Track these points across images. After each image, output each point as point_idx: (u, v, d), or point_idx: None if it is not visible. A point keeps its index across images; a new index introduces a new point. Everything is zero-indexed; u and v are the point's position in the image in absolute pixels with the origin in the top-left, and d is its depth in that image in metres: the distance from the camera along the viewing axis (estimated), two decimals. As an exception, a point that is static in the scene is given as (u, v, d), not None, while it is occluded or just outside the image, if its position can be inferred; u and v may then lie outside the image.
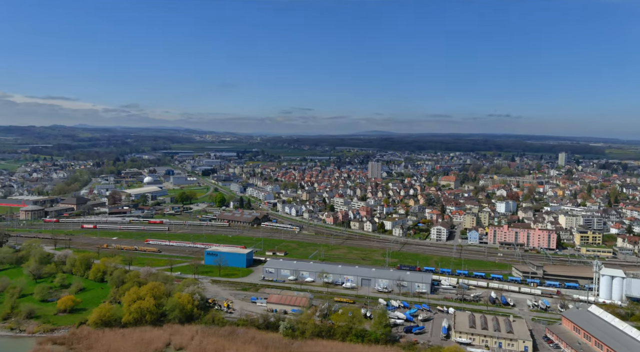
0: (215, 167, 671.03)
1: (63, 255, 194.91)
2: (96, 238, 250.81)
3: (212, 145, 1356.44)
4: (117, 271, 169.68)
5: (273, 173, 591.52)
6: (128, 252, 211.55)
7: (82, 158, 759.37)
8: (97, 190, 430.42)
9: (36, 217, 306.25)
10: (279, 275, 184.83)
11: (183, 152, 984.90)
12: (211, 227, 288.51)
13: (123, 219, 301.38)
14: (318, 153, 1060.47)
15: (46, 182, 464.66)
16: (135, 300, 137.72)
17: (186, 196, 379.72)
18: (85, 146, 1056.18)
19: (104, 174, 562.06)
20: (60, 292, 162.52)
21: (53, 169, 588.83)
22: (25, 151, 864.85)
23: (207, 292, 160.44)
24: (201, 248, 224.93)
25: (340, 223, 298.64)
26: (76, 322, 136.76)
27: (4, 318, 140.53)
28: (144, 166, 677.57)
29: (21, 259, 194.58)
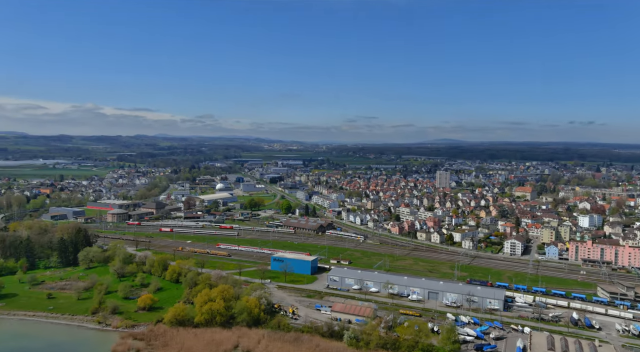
0: (282, 175, 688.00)
1: (143, 256, 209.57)
2: (172, 241, 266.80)
3: (279, 153, 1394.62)
4: (191, 273, 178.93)
5: (338, 181, 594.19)
6: (201, 256, 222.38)
7: (161, 165, 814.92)
8: (174, 195, 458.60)
9: (121, 220, 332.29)
10: (343, 284, 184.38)
11: (252, 161, 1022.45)
12: (278, 233, 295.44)
13: (197, 224, 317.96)
14: (383, 161, 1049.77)
15: (130, 188, 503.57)
16: (207, 301, 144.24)
17: (254, 203, 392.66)
18: (164, 154, 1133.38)
19: (181, 181, 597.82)
20: (141, 290, 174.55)
21: (136, 176, 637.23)
22: (113, 159, 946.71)
23: (273, 297, 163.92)
24: (268, 254, 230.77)
25: (406, 233, 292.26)
26: (154, 320, 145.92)
27: (92, 312, 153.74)
28: (217, 173, 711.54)
29: (108, 259, 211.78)
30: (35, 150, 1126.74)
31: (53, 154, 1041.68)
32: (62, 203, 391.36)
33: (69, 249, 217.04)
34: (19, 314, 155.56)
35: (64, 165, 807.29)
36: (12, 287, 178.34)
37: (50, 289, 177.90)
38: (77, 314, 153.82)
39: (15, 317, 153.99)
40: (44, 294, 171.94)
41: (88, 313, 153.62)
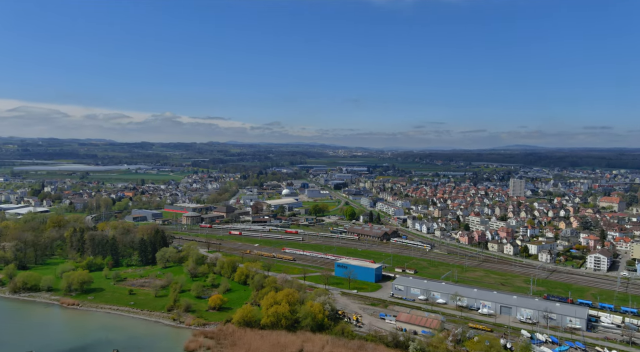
0: (347, 181, 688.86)
1: (214, 258, 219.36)
2: (241, 244, 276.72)
3: (344, 160, 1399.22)
4: (258, 276, 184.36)
5: (403, 188, 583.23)
6: (267, 259, 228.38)
7: (231, 171, 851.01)
8: (243, 200, 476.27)
9: (194, 222, 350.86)
10: (409, 293, 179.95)
11: (317, 167, 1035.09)
12: (341, 239, 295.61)
13: (264, 228, 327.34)
14: (452, 168, 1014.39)
15: (203, 192, 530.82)
16: (273, 304, 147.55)
17: (319, 208, 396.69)
18: (234, 160, 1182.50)
19: (249, 186, 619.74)
20: (211, 290, 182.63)
21: (208, 181, 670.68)
22: (188, 164, 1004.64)
23: (337, 304, 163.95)
24: (332, 259, 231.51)
25: (475, 244, 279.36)
26: (223, 320, 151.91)
27: (168, 309, 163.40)
28: (283, 179, 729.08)
29: (182, 259, 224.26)
30: (120, 156, 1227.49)
31: (136, 160, 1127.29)
32: (143, 205, 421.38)
33: (148, 249, 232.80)
34: (105, 307, 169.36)
35: (145, 171, 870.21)
36: (99, 283, 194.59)
37: (131, 285, 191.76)
38: (154, 311, 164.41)
39: (102, 310, 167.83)
40: (126, 290, 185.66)
41: (164, 310, 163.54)
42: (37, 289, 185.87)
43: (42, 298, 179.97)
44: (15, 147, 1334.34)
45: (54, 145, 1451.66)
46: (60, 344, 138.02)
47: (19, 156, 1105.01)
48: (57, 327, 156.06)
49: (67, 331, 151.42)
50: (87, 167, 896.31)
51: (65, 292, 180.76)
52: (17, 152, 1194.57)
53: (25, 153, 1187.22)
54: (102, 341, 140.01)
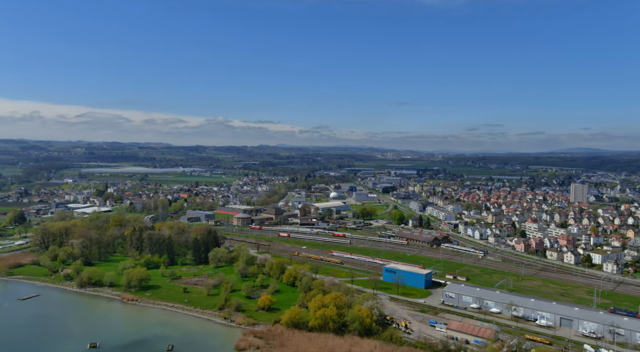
0: (395, 185, 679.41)
1: (263, 259, 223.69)
2: (289, 246, 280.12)
3: (392, 163, 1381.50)
4: (306, 278, 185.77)
5: (455, 192, 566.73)
6: (315, 262, 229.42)
7: (280, 174, 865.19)
8: (291, 202, 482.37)
9: (245, 224, 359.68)
10: (460, 301, 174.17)
11: (365, 170, 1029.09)
12: (390, 244, 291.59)
13: (311, 230, 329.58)
14: (507, 172, 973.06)
15: (253, 194, 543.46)
16: (320, 307, 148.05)
17: (367, 212, 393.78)
18: (283, 163, 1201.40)
19: (297, 189, 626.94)
20: (261, 291, 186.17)
21: (258, 183, 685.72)
22: (239, 167, 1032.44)
23: (385, 309, 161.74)
24: (380, 264, 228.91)
25: (532, 251, 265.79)
26: (272, 320, 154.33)
27: (219, 308, 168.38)
28: (330, 182, 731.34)
29: (233, 259, 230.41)
30: (176, 159, 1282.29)
31: (190, 163, 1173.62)
32: (197, 207, 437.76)
33: (201, 249, 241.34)
34: (161, 304, 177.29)
35: (199, 173, 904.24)
36: (156, 280, 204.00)
37: (185, 283, 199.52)
38: (207, 309, 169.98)
39: (158, 306, 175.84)
40: (181, 288, 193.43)
41: (216, 308, 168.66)
42: (100, 284, 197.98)
43: (105, 293, 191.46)
44: (82, 150, 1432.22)
45: (116, 149, 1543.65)
46: (121, 337, 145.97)
47: (85, 159, 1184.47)
48: (118, 321, 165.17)
49: (127, 325, 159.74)
50: (146, 170, 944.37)
51: (125, 288, 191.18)
52: (84, 155, 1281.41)
53: (91, 156, 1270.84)
54: (158, 336, 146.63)
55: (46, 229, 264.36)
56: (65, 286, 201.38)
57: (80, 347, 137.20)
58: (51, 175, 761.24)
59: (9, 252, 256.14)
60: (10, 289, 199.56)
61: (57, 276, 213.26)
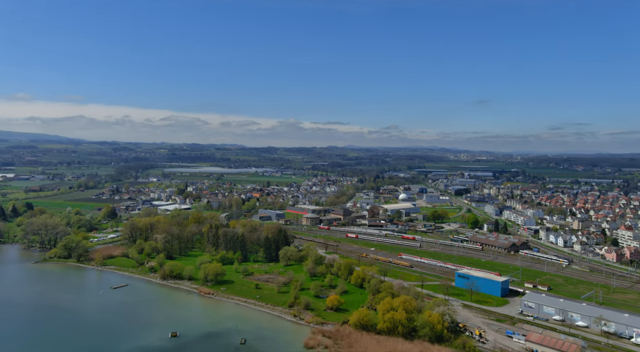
0: (469, 187, 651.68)
1: (331, 259, 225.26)
2: (357, 247, 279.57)
3: (466, 164, 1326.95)
4: (374, 280, 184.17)
5: (535, 196, 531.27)
6: (383, 264, 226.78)
7: (349, 175, 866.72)
8: (360, 204, 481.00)
9: (313, 223, 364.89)
10: (541, 312, 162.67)
11: (436, 171, 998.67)
12: (462, 248, 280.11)
13: (380, 232, 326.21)
14: (596, 175, 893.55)
15: (322, 195, 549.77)
16: (389, 310, 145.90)
17: (438, 215, 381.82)
18: (352, 164, 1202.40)
19: (366, 190, 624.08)
20: (329, 291, 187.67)
21: (327, 184, 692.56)
22: (308, 168, 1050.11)
23: (457, 316, 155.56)
24: (452, 269, 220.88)
25: (626, 262, 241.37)
26: (340, 321, 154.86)
27: (289, 305, 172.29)
28: (400, 184, 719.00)
29: (302, 258, 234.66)
30: (249, 159, 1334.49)
31: (262, 163, 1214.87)
32: (268, 206, 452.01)
33: (272, 247, 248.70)
34: (235, 298, 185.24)
35: (270, 173, 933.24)
36: (230, 275, 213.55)
37: (257, 280, 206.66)
38: (277, 305, 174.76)
39: (232, 301, 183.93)
40: (253, 284, 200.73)
41: (285, 306, 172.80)
42: (180, 277, 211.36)
43: (185, 286, 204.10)
44: (165, 151, 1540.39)
45: (195, 150, 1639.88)
46: (199, 328, 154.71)
47: (168, 159, 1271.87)
48: (196, 313, 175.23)
49: (204, 317, 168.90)
50: (222, 170, 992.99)
51: (202, 282, 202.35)
52: (167, 156, 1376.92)
53: (173, 156, 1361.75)
54: (232, 329, 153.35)
55: (134, 224, 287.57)
56: (150, 278, 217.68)
57: (162, 335, 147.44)
58: (138, 174, 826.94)
59: (103, 244, 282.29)
60: (104, 278, 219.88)
61: (143, 268, 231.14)
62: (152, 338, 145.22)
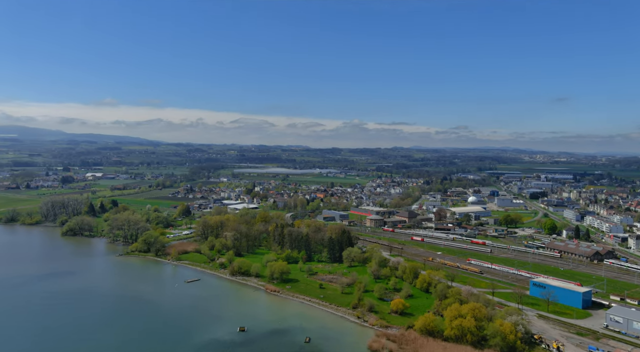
0: (546, 190, 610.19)
1: (396, 262, 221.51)
2: (423, 250, 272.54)
3: (542, 166, 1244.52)
4: (440, 285, 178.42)
5: (623, 201, 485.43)
6: (450, 269, 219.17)
7: (414, 176, 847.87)
8: (426, 206, 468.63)
9: (377, 225, 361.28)
10: (630, 327, 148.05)
11: (509, 173, 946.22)
12: (538, 255, 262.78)
13: (447, 236, 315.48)
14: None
15: (386, 196, 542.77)
16: (457, 317, 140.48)
17: (510, 219, 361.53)
18: (418, 166, 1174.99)
19: (432, 192, 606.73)
20: (393, 294, 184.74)
21: (391, 185, 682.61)
22: (372, 169, 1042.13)
23: (532, 327, 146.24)
24: (526, 277, 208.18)
25: None
26: (405, 325, 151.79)
27: (353, 306, 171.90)
28: (469, 186, 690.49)
29: (366, 260, 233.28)
30: (314, 160, 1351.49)
31: (326, 164, 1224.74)
32: (332, 207, 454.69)
33: (335, 247, 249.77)
34: (299, 297, 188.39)
35: (334, 174, 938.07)
36: (295, 274, 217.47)
37: (321, 280, 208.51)
38: (341, 306, 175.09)
39: (297, 299, 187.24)
40: (317, 283, 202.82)
41: (349, 307, 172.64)
42: (248, 274, 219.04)
43: (252, 282, 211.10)
44: (235, 152, 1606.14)
45: (263, 151, 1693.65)
46: (265, 324, 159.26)
47: (237, 160, 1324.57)
48: (262, 310, 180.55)
49: (270, 313, 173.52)
50: (288, 170, 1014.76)
51: (269, 280, 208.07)
52: (236, 157, 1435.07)
53: (242, 158, 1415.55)
54: (297, 327, 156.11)
55: (206, 222, 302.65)
56: (220, 273, 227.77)
57: (231, 329, 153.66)
58: (210, 174, 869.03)
59: (178, 240, 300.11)
60: (179, 273, 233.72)
61: (214, 263, 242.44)
62: (222, 332, 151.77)
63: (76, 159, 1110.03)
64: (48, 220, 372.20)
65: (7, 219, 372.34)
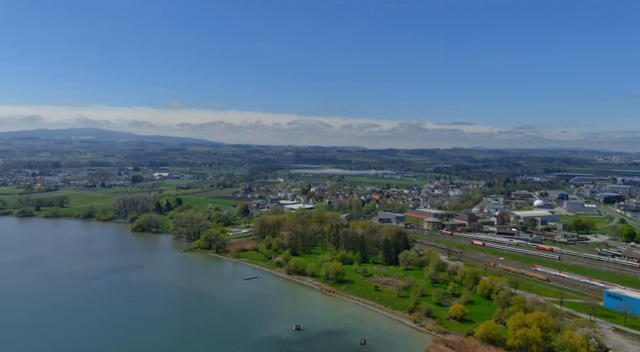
0: (623, 194, 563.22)
1: (455, 266, 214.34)
2: (484, 255, 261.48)
3: (618, 168, 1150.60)
4: (503, 292, 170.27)
5: None
6: (514, 275, 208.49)
7: (475, 178, 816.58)
8: (487, 209, 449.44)
9: (435, 228, 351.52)
10: None
11: (580, 176, 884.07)
12: (613, 264, 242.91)
13: (510, 241, 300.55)
14: None
15: (444, 198, 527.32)
16: (521, 326, 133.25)
17: (582, 225, 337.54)
18: (478, 167, 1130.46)
19: (494, 195, 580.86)
20: (452, 299, 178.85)
21: (450, 187, 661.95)
22: (430, 170, 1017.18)
23: (606, 340, 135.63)
24: (599, 287, 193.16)
25: None
26: (464, 332, 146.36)
27: (409, 310, 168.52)
28: (535, 189, 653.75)
29: (422, 263, 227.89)
30: (370, 161, 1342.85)
31: (382, 166, 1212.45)
32: (387, 208, 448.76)
33: (391, 250, 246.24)
34: (355, 298, 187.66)
35: (390, 176, 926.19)
36: (350, 275, 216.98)
37: (376, 282, 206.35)
38: (397, 309, 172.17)
39: (352, 300, 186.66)
40: (372, 285, 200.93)
41: (405, 310, 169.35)
42: (303, 273, 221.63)
43: (307, 282, 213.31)
44: (291, 153, 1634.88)
45: (318, 152, 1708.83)
46: (320, 324, 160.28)
47: (293, 161, 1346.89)
48: (317, 309, 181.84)
49: (325, 313, 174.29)
50: (343, 171, 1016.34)
51: (324, 280, 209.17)
52: (292, 158, 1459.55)
53: (298, 158, 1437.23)
54: (352, 328, 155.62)
55: (263, 221, 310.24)
56: (276, 272, 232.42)
57: (287, 327, 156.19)
58: (267, 175, 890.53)
59: (237, 238, 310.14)
60: (238, 270, 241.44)
61: (271, 262, 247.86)
62: (279, 329, 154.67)
63: (145, 159, 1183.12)
64: (120, 217, 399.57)
65: (85, 215, 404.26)
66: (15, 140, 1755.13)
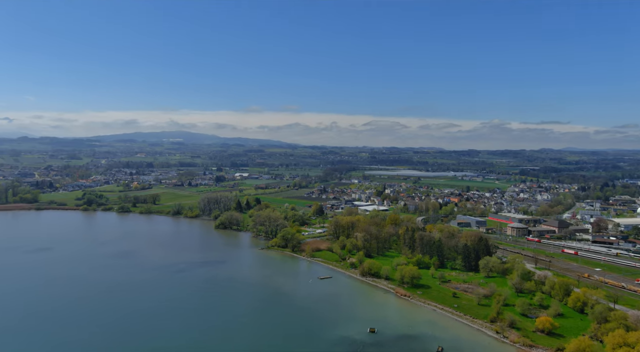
0: None
1: (543, 275, 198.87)
2: (576, 265, 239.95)
3: None
4: (599, 306, 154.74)
5: None
6: (613, 288, 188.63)
7: (566, 181, 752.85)
8: (580, 215, 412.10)
9: (520, 234, 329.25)
10: None
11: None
12: None
13: (608, 250, 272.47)
14: None
15: (531, 203, 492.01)
16: (622, 345, 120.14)
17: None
18: (571, 169, 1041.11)
19: (589, 200, 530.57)
20: (539, 311, 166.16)
21: (538, 191, 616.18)
22: (515, 173, 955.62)
23: None
24: None
25: None
26: (553, 347, 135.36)
27: (491, 320, 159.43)
28: (638, 194, 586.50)
29: (506, 271, 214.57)
30: (448, 163, 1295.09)
31: (462, 167, 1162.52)
32: (467, 212, 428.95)
33: (471, 255, 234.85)
34: (431, 304, 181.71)
35: (470, 178, 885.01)
36: (426, 280, 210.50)
37: (455, 288, 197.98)
38: (477, 318, 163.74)
39: (428, 306, 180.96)
40: (450, 292, 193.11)
41: (487, 320, 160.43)
42: (378, 276, 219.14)
43: (382, 285, 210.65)
44: (366, 155, 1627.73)
45: (394, 153, 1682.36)
46: (394, 328, 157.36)
47: (368, 162, 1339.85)
48: (392, 313, 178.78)
49: (400, 318, 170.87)
50: (419, 173, 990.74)
51: (399, 283, 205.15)
52: (367, 159, 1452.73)
53: (373, 160, 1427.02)
54: (428, 335, 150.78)
55: (337, 222, 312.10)
56: (350, 273, 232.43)
57: (361, 329, 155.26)
58: (342, 176, 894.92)
59: (312, 238, 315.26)
60: (312, 269, 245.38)
61: (345, 263, 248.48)
62: (353, 331, 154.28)
63: (227, 160, 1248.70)
64: (204, 214, 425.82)
65: (174, 212, 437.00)
66: (116, 143, 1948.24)
